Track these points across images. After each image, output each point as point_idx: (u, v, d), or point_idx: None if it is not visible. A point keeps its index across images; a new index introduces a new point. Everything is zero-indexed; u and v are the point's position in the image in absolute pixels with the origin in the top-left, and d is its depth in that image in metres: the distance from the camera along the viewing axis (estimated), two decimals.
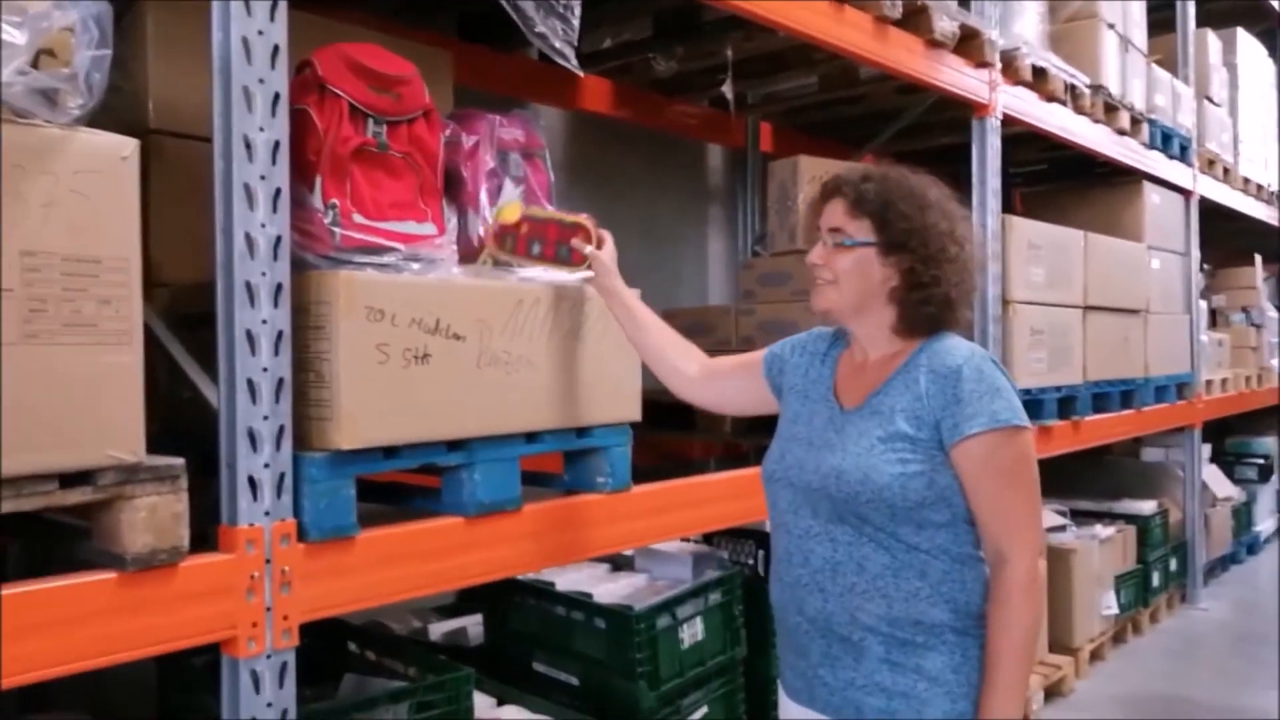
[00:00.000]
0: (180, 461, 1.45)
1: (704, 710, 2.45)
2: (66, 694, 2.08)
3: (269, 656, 1.54)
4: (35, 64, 1.30)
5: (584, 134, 4.01)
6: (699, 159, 4.56)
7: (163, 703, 2.12)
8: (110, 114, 2.02)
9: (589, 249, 1.91)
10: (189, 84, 1.93)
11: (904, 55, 3.03)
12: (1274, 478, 7.01)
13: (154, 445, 1.51)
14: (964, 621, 1.55)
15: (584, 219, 1.93)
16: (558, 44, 1.98)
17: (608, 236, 1.96)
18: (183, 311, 1.91)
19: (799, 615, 1.62)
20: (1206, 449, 5.90)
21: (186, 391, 1.72)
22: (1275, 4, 6.76)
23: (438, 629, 2.90)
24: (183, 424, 1.85)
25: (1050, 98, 3.85)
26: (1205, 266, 7.02)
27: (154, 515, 1.42)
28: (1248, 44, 6.42)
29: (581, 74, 1.99)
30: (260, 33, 1.56)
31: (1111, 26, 4.41)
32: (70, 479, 1.35)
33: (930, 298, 1.60)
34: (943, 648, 1.54)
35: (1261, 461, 6.83)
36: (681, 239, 4.45)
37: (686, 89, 3.89)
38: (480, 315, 1.82)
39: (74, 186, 1.36)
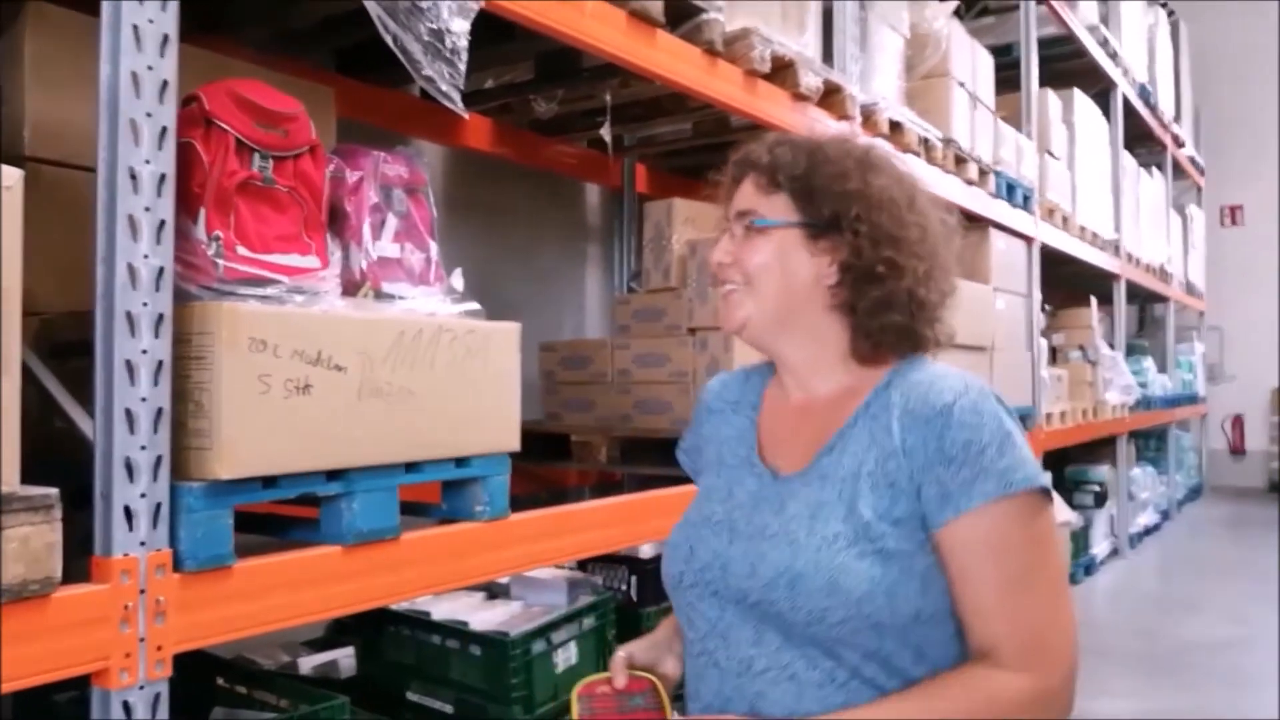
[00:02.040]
0: (54, 492, 1.45)
1: None
2: None
3: (142, 687, 1.54)
4: None
5: (468, 170, 4.08)
6: (578, 197, 4.68)
7: None
8: None
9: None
10: (68, 111, 1.93)
11: (772, 107, 3.22)
12: (1108, 503, 7.56)
13: (24, 476, 1.50)
14: None
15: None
16: (444, 87, 2.05)
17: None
18: (54, 340, 1.89)
19: None
20: (1047, 477, 6.32)
21: (59, 421, 1.71)
22: (1108, 70, 7.38)
23: (307, 662, 2.88)
24: (55, 454, 1.82)
25: (906, 149, 4.13)
26: (1046, 307, 7.55)
27: (26, 546, 1.41)
28: (1084, 104, 6.99)
29: (466, 115, 2.06)
30: (150, 68, 1.58)
31: (962, 85, 4.76)
32: None
33: (891, 298, 1.17)
34: None
35: (1097, 488, 7.35)
36: (561, 274, 4.55)
37: (567, 129, 4.01)
38: (362, 346, 1.86)
39: None
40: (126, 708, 1.53)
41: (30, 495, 1.43)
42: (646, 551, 2.89)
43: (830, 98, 3.51)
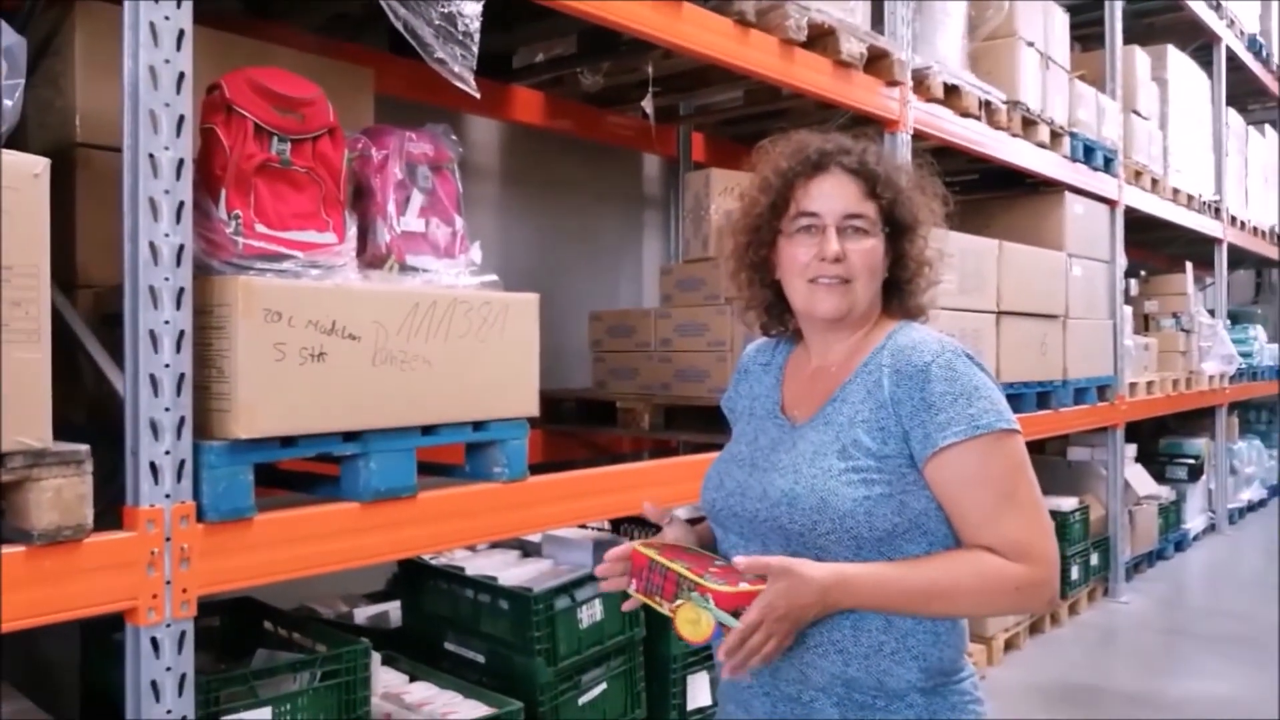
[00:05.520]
0: (85, 448, 1.61)
1: (603, 686, 2.63)
2: None
3: (168, 625, 1.70)
4: None
5: (526, 143, 4.18)
6: (637, 168, 4.74)
7: (84, 674, 2.28)
8: (45, 128, 2.20)
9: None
10: (114, 101, 2.10)
11: (812, 75, 3.21)
12: (1204, 477, 7.27)
13: (78, 434, 1.66)
14: (933, 680, 1.34)
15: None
16: (457, 69, 2.14)
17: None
18: (105, 311, 2.07)
19: None
20: (1131, 449, 6.13)
21: (107, 386, 1.88)
22: (1209, 22, 7.01)
23: (362, 613, 3.07)
24: (105, 415, 2.01)
25: (964, 113, 4.05)
26: (1141, 273, 7.28)
27: (59, 496, 1.58)
28: (1179, 60, 6.67)
29: (478, 95, 2.14)
30: (167, 61, 1.71)
31: (1031, 44, 4.61)
32: None
33: (923, 288, 1.48)
34: (907, 712, 1.33)
35: (1192, 462, 7.08)
36: (619, 244, 4.64)
37: (619, 101, 4.07)
38: (376, 317, 1.98)
39: None
40: (154, 643, 1.70)
41: (63, 451, 1.59)
42: (680, 513, 2.96)
43: (876, 63, 3.48)
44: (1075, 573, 5.24)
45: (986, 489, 1.31)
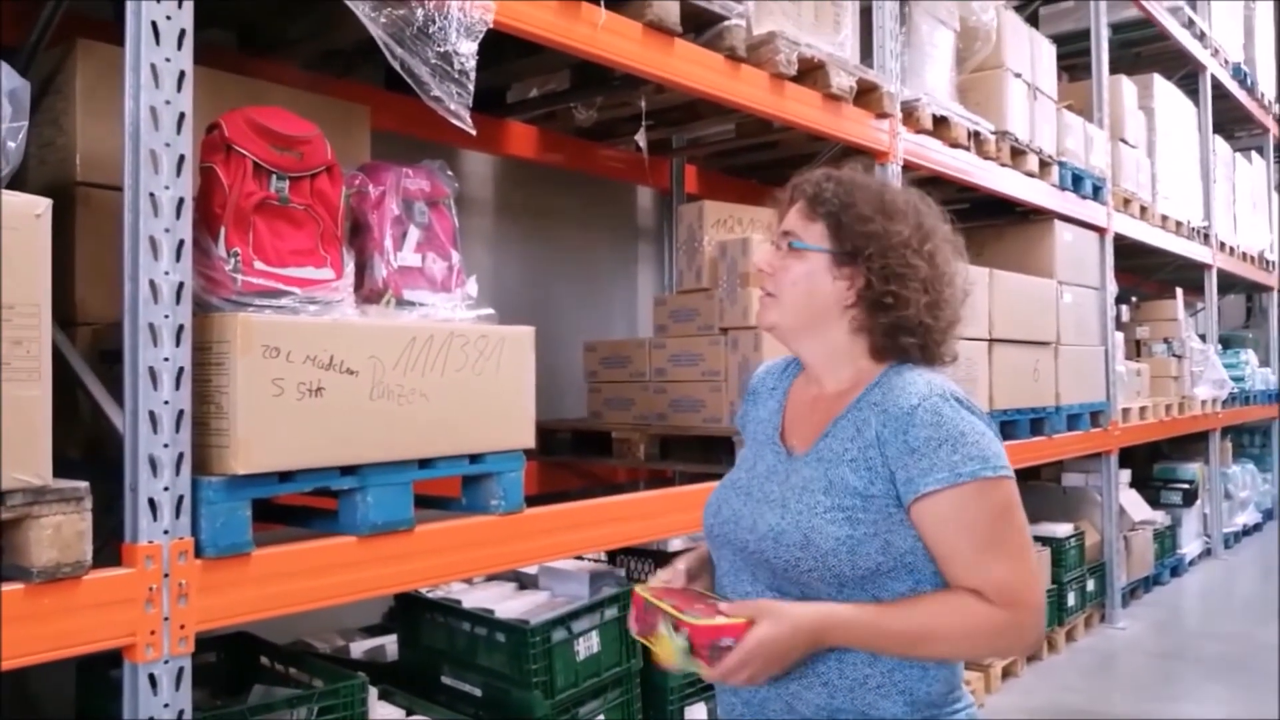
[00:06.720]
0: (84, 485, 1.62)
1: (601, 718, 2.62)
2: None
3: (166, 661, 1.71)
4: None
5: (520, 176, 4.22)
6: (630, 200, 4.79)
7: (80, 710, 2.27)
8: (45, 166, 2.23)
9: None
10: (116, 139, 2.12)
11: (802, 109, 3.26)
12: (1199, 502, 7.28)
13: (77, 469, 1.67)
14: (921, 713, 1.34)
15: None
16: (453, 106, 2.17)
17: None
18: (104, 348, 2.09)
19: (734, 696, 1.44)
20: (1125, 474, 6.15)
21: (105, 422, 1.89)
22: (1194, 52, 7.11)
23: (359, 647, 3.06)
24: (104, 451, 2.02)
25: (954, 143, 4.10)
26: (1132, 299, 7.33)
27: (59, 533, 1.59)
28: (1165, 89, 6.75)
29: (474, 132, 2.17)
30: (167, 102, 1.74)
31: (1018, 75, 4.68)
32: None
33: (900, 324, 1.39)
34: None
35: (1186, 486, 7.10)
36: (614, 275, 4.67)
37: (612, 134, 4.11)
38: (373, 352, 2.00)
39: None
40: (152, 680, 1.70)
41: (62, 488, 1.60)
42: (675, 545, 2.98)
43: (866, 96, 3.53)
44: (1071, 599, 5.24)
45: (969, 536, 1.31)
